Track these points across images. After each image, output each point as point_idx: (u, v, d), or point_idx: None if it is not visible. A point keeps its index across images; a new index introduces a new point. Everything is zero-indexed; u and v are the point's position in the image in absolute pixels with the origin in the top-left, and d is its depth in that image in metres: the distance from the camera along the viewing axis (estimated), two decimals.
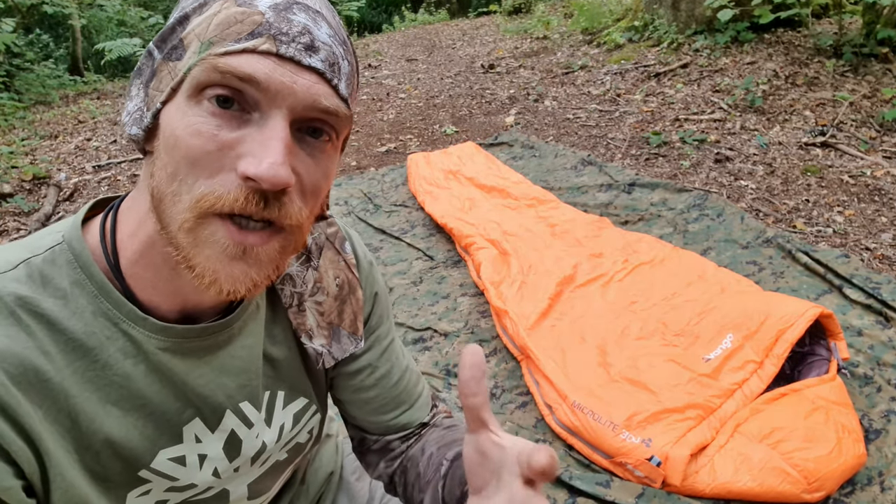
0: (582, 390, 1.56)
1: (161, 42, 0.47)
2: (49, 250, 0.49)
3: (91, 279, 0.49)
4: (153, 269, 0.50)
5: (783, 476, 1.28)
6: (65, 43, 9.87)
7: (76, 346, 0.48)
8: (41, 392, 0.45)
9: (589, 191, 2.91)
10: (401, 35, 9.50)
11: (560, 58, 5.81)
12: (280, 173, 0.42)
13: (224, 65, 0.42)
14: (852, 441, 1.34)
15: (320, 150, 0.48)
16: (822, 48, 4.15)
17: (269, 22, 0.43)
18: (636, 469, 1.37)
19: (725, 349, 1.61)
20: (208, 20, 0.44)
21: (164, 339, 0.51)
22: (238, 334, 0.56)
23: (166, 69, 0.46)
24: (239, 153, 0.43)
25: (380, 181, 3.41)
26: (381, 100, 5.28)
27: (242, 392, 0.57)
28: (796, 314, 1.57)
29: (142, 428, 0.52)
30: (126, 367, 0.50)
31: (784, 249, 2.21)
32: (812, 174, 2.92)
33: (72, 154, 4.34)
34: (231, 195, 0.43)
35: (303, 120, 0.46)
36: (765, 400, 1.46)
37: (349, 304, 0.65)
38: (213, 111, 0.43)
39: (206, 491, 0.58)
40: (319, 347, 0.63)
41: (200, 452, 0.56)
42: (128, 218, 0.51)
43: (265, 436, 0.61)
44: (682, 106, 3.98)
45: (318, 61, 0.45)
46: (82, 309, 0.48)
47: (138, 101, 0.48)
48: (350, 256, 0.67)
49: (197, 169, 0.43)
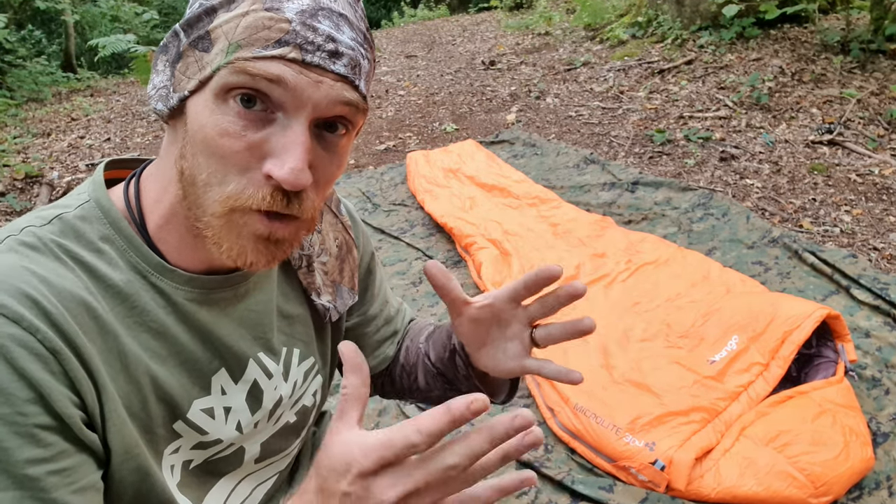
0: (584, 393, 1.56)
1: (188, 27, 0.50)
2: (79, 207, 0.53)
3: (120, 234, 0.53)
4: (177, 235, 0.54)
5: (789, 480, 1.28)
6: (58, 39, 9.87)
7: (115, 293, 0.51)
8: (95, 328, 0.48)
9: (591, 190, 2.91)
10: (400, 31, 9.50)
11: (562, 54, 5.81)
12: (300, 178, 0.47)
13: (254, 68, 0.45)
14: (860, 444, 1.34)
15: (336, 143, 0.52)
16: (830, 44, 4.15)
17: (295, 30, 0.46)
18: (640, 473, 1.37)
19: (731, 351, 1.61)
20: (236, 20, 0.47)
21: (191, 289, 0.55)
22: (254, 289, 0.61)
23: (193, 57, 0.49)
24: (264, 152, 0.48)
25: (378, 180, 3.41)
26: (380, 97, 5.28)
27: (259, 343, 0.62)
28: (803, 315, 1.57)
29: (178, 376, 0.55)
30: (160, 316, 0.53)
31: (790, 249, 2.21)
32: (819, 173, 2.92)
33: (65, 152, 4.34)
34: (259, 194, 0.48)
35: (322, 117, 0.49)
36: (771, 403, 1.46)
37: (347, 263, 0.73)
38: (238, 111, 0.47)
39: (227, 448, 0.61)
40: (327, 303, 0.69)
41: (226, 405, 0.59)
42: (152, 184, 0.55)
43: (282, 389, 0.65)
44: (686, 103, 3.98)
45: (341, 66, 0.48)
46: (115, 261, 0.52)
47: (164, 77, 0.51)
48: (346, 218, 0.74)
49: (227, 165, 0.48)
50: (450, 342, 0.73)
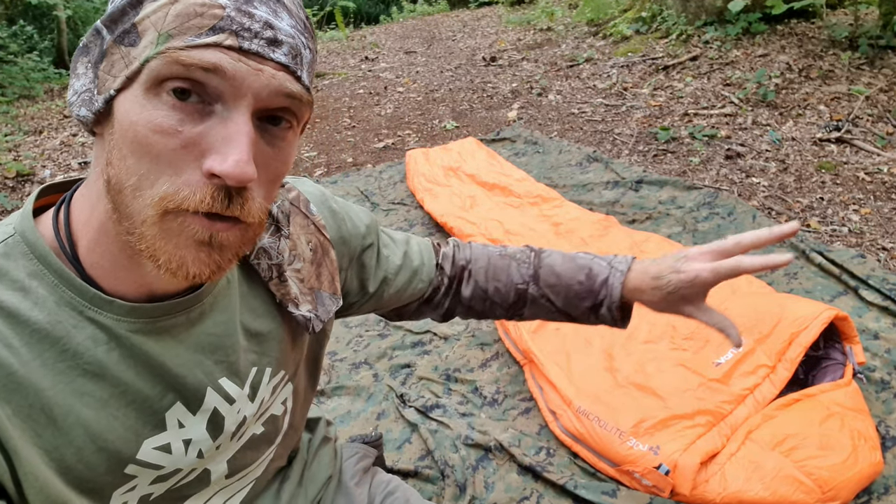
0: (587, 396, 1.56)
1: (111, 23, 0.46)
2: (1, 243, 0.49)
3: (49, 268, 0.48)
4: (110, 257, 0.50)
5: (796, 485, 1.28)
6: (49, 35, 9.86)
7: (42, 337, 0.47)
8: (7, 387, 0.45)
9: (594, 188, 2.91)
10: (399, 26, 9.50)
11: (564, 50, 5.81)
12: (246, 170, 0.43)
13: (187, 57, 0.42)
14: (868, 449, 1.34)
15: (281, 137, 0.49)
16: (837, 40, 4.15)
17: (230, 17, 0.44)
18: (644, 478, 1.37)
19: (736, 353, 1.61)
20: (165, 9, 0.44)
21: (135, 320, 0.51)
22: (210, 310, 0.57)
23: (118, 53, 0.45)
24: (203, 149, 0.44)
25: (377, 178, 3.41)
26: (379, 94, 5.28)
27: (220, 368, 0.58)
28: (810, 317, 1.57)
29: (123, 418, 0.51)
30: (98, 355, 0.49)
31: (797, 249, 2.21)
32: (827, 171, 2.92)
33: (57, 150, 4.34)
34: (196, 196, 0.44)
35: (264, 109, 0.46)
36: (777, 406, 1.46)
37: (325, 267, 0.69)
38: (173, 104, 0.43)
39: (189, 474, 0.59)
40: (307, 313, 0.65)
41: (185, 437, 0.56)
42: (81, 205, 0.51)
43: (246, 410, 0.62)
44: (691, 100, 3.98)
45: (281, 55, 0.46)
46: (43, 299, 0.48)
47: (86, 80, 0.48)
48: (318, 217, 0.69)
49: (160, 165, 0.44)
50: (593, 298, 0.79)
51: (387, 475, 0.95)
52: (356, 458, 0.94)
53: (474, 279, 0.84)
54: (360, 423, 1.70)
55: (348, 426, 1.69)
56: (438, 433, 1.61)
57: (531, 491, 1.43)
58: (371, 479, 0.93)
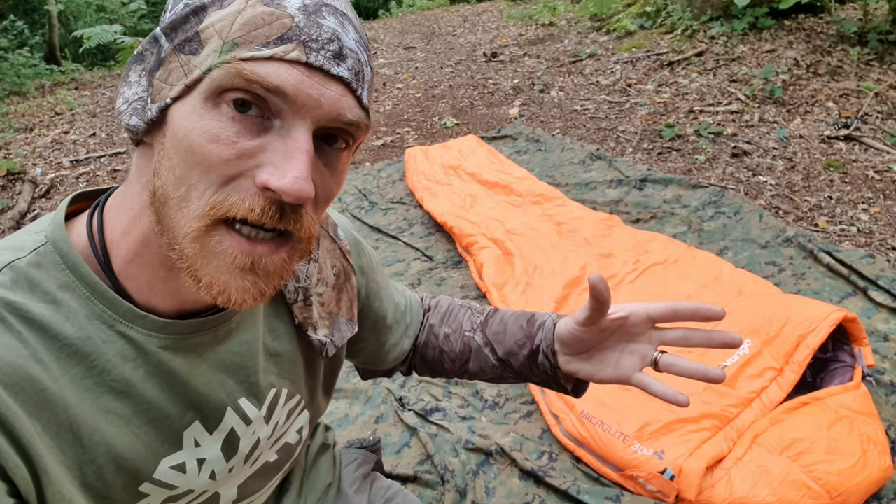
0: (591, 399, 1.56)
1: (171, 30, 0.46)
2: (33, 252, 0.48)
3: (82, 280, 0.48)
4: (149, 270, 0.50)
5: (804, 490, 1.28)
6: (41, 30, 9.86)
7: (71, 353, 0.47)
8: (39, 403, 0.45)
9: (598, 187, 2.91)
10: (398, 21, 9.50)
11: (567, 45, 5.81)
12: (304, 188, 0.43)
13: (251, 73, 0.42)
14: (878, 453, 1.34)
15: (336, 157, 0.49)
16: (846, 35, 4.14)
17: (298, 26, 0.44)
18: (648, 483, 1.37)
19: (743, 355, 1.61)
20: (231, 17, 0.44)
21: (165, 336, 0.51)
22: (237, 329, 0.57)
23: (177, 61, 0.45)
24: (259, 162, 0.44)
25: (375, 177, 3.41)
26: (377, 90, 5.28)
27: (241, 388, 0.59)
28: (818, 318, 1.57)
29: (143, 437, 0.52)
30: (125, 372, 0.50)
31: (805, 249, 2.21)
32: (835, 169, 2.92)
33: (48, 148, 4.34)
34: (245, 203, 0.44)
35: (322, 128, 0.47)
36: (785, 409, 1.46)
37: (346, 293, 0.70)
38: (232, 116, 0.43)
39: (201, 496, 0.59)
40: (324, 338, 0.66)
41: (200, 457, 0.57)
42: (118, 215, 0.51)
43: (261, 432, 0.62)
44: (696, 97, 3.98)
45: (345, 70, 0.46)
46: (75, 313, 0.48)
47: (139, 89, 0.48)
48: (345, 243, 0.71)
49: (211, 175, 0.44)
50: (531, 343, 0.75)
51: (386, 480, 0.96)
52: (355, 464, 0.94)
53: (429, 323, 0.87)
54: (357, 426, 1.70)
55: (346, 430, 1.69)
56: (438, 437, 1.61)
57: (533, 496, 1.43)
58: (370, 485, 0.93)
